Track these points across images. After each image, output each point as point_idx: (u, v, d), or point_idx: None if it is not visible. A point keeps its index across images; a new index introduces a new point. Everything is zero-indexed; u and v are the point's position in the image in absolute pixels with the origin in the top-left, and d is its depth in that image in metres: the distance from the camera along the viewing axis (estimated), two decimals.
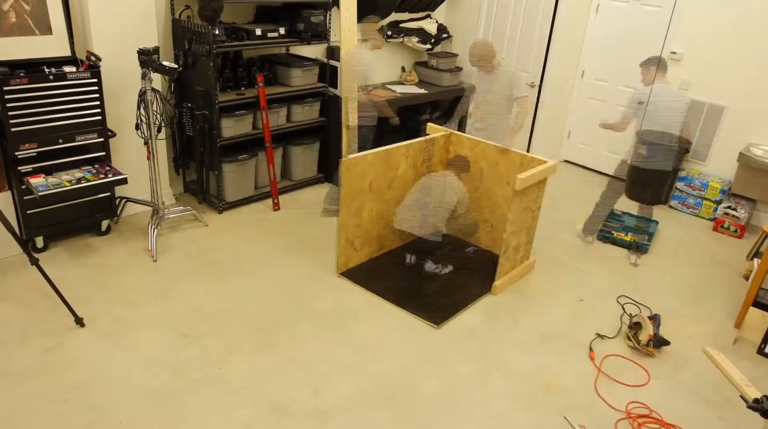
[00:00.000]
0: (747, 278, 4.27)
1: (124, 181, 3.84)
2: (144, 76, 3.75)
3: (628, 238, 4.64)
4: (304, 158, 5.20)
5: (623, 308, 3.82)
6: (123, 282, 3.67)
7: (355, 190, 3.78)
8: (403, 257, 4.15)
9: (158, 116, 3.96)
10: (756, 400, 2.00)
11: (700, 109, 5.30)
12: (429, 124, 4.44)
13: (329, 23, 4.89)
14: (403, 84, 6.25)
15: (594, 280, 4.14)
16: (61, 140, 3.71)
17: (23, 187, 3.63)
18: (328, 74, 5.10)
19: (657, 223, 5.01)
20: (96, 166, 3.89)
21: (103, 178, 3.77)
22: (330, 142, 5.27)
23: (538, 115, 6.17)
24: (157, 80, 4.21)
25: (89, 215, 4.05)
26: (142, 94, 3.83)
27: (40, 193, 3.49)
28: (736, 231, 4.98)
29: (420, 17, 6.34)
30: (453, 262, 4.13)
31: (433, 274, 3.94)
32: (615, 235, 4.68)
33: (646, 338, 3.37)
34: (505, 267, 3.88)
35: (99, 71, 3.80)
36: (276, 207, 4.82)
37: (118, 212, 4.36)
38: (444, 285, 3.90)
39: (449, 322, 3.53)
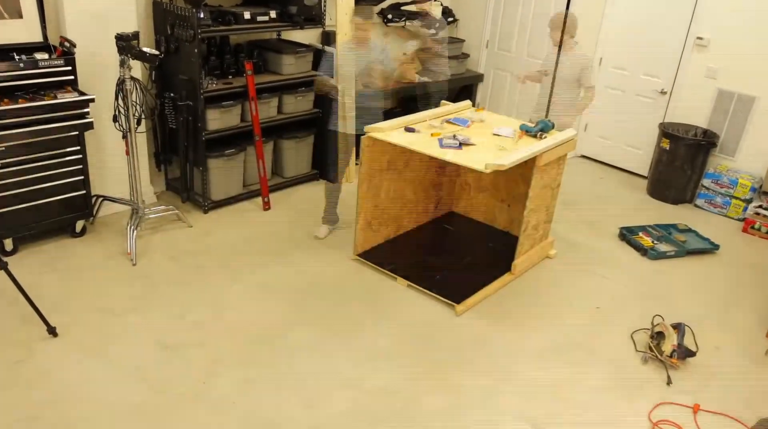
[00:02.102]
0: None
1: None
2: (122, 64, 3.75)
3: (648, 243, 4.62)
4: (297, 153, 5.19)
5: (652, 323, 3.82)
6: (100, 288, 3.66)
7: (374, 169, 3.94)
8: (421, 237, 4.39)
9: (138, 107, 3.96)
10: None
11: (729, 99, 5.30)
12: (443, 100, 4.51)
13: (324, 6, 4.89)
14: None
15: (612, 285, 4.13)
16: (30, 129, 3.70)
17: None
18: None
19: (696, 233, 4.92)
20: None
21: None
22: (325, 136, 5.25)
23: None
24: (137, 68, 4.20)
25: (63, 215, 4.04)
26: (120, 83, 3.82)
27: None
28: (767, 232, 4.97)
29: None
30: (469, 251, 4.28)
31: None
32: (635, 238, 4.68)
33: (670, 348, 3.36)
34: (524, 245, 4.01)
35: (73, 58, 3.79)
36: (266, 206, 4.82)
37: (94, 212, 4.35)
38: (462, 267, 4.11)
39: (456, 328, 3.52)
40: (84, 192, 4.08)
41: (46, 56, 3.72)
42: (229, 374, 3.07)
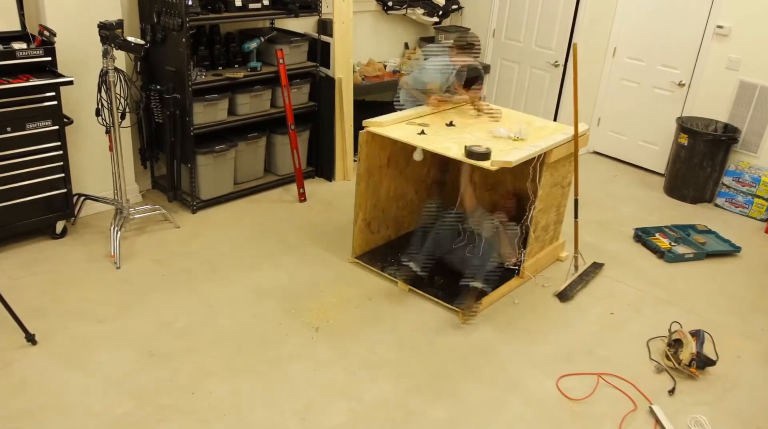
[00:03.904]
0: None
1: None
2: (105, 54, 3.75)
3: (665, 245, 4.63)
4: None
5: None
6: (81, 293, 3.67)
7: (373, 166, 3.96)
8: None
9: (122, 100, 3.96)
10: None
11: (752, 92, 5.30)
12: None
13: None
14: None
15: (626, 290, 4.14)
16: (9, 128, 3.71)
17: None
18: (320, 52, 5.10)
19: (716, 235, 4.93)
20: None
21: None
22: (321, 131, 5.27)
23: (563, 99, 6.17)
24: (121, 58, 4.20)
25: (42, 215, 4.04)
26: (103, 75, 3.83)
27: None
28: None
29: None
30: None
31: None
32: (651, 239, 4.68)
33: (688, 357, 3.36)
34: (534, 248, 4.05)
35: (53, 48, 3.80)
36: (302, 198, 5.00)
37: (76, 212, 4.36)
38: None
39: (460, 335, 3.53)
40: (65, 190, 4.09)
41: (24, 46, 3.72)
42: (219, 384, 3.08)
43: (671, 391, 3.27)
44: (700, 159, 5.37)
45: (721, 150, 5.36)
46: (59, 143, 3.97)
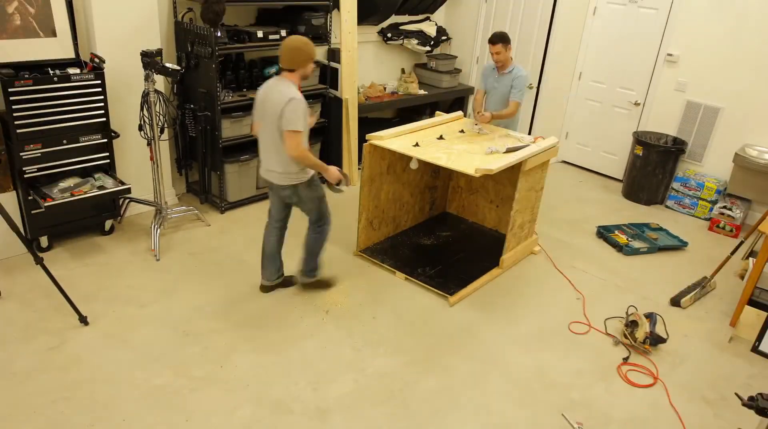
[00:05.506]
0: (742, 277, 4.26)
1: (127, 191, 3.86)
2: (147, 78, 3.74)
3: (623, 240, 4.62)
4: None
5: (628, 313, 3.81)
6: (126, 281, 3.66)
7: (375, 173, 3.94)
8: (418, 235, 4.38)
9: (161, 117, 3.95)
10: (751, 398, 1.98)
11: (696, 110, 5.29)
12: (437, 111, 4.52)
13: (330, 25, 4.88)
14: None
15: (590, 279, 4.13)
16: (65, 141, 3.71)
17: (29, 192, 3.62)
18: (329, 76, 5.09)
19: (667, 232, 4.96)
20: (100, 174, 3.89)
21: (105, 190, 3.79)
22: (331, 143, 5.26)
23: (536, 116, 6.16)
24: (160, 82, 4.20)
25: (93, 215, 4.04)
26: (145, 96, 3.82)
27: (45, 205, 3.51)
28: (731, 230, 4.96)
29: (419, 19, 6.33)
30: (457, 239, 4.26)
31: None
32: (611, 235, 4.67)
33: (643, 336, 3.36)
34: (511, 242, 4.05)
35: (103, 73, 3.79)
36: None
37: (122, 212, 4.35)
38: (455, 262, 4.10)
39: (448, 316, 3.52)
40: None
41: (77, 71, 3.72)
42: (244, 359, 3.07)
43: (625, 359, 3.26)
44: (653, 167, 5.36)
45: (670, 159, 5.35)
46: (107, 154, 3.96)
